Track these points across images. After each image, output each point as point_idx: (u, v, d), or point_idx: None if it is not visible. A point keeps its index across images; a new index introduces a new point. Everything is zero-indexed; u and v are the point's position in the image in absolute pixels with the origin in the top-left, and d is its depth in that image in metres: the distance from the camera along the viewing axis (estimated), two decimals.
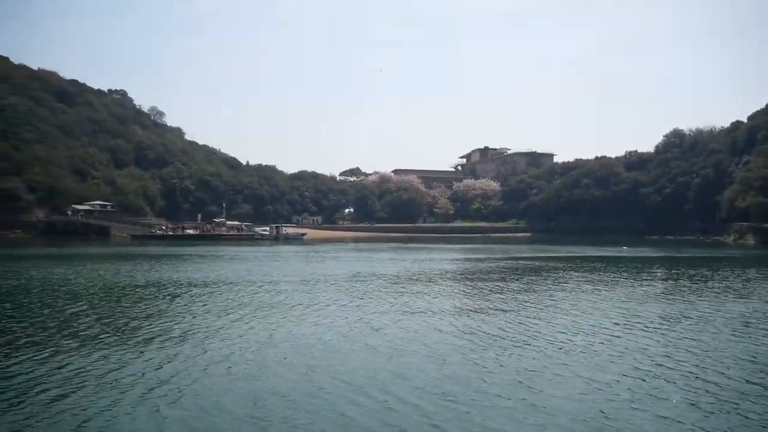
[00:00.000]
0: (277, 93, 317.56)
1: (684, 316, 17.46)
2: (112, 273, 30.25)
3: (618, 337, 14.42)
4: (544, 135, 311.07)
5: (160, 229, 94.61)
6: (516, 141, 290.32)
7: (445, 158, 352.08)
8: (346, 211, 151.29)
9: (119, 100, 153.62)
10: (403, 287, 25.08)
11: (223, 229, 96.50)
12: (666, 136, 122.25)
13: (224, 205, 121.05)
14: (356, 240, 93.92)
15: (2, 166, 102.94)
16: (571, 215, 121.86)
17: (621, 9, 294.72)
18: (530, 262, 39.51)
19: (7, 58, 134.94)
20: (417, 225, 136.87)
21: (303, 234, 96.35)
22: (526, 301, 20.57)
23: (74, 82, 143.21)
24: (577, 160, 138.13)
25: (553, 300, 20.89)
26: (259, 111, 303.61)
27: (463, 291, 24.08)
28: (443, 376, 10.86)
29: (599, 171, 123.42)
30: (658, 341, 13.89)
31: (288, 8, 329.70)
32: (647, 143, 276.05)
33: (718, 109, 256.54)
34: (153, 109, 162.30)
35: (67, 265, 34.50)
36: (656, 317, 17.28)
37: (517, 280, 28.29)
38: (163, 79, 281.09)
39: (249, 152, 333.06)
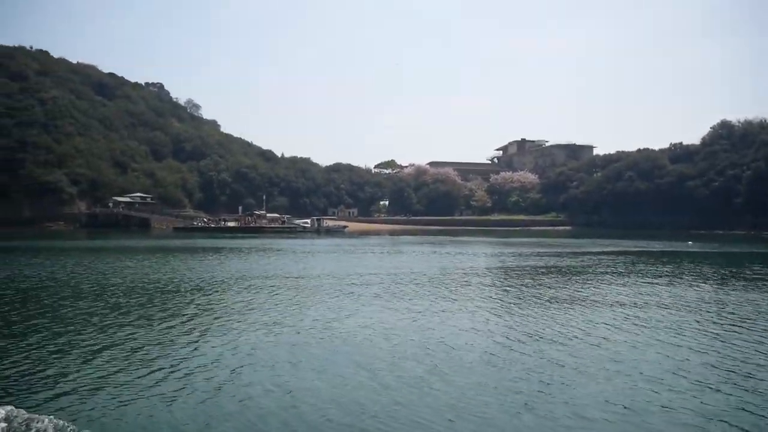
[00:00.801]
0: (304, 85, 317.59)
1: None
2: (187, 267, 29.25)
3: None
4: (575, 127, 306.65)
5: (202, 222, 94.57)
6: (550, 133, 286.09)
7: (479, 151, 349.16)
8: (382, 203, 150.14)
9: (156, 93, 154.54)
10: (515, 283, 23.71)
11: (263, 221, 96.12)
12: (713, 127, 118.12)
13: (264, 197, 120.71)
14: (400, 233, 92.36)
15: (45, 159, 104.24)
16: (614, 208, 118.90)
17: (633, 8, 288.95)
18: (614, 257, 37.14)
19: (47, 52, 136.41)
20: (454, 218, 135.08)
21: (344, 226, 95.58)
22: (684, 305, 18.57)
23: (112, 75, 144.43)
24: (618, 152, 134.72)
25: (701, 302, 19.30)
26: (287, 103, 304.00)
27: (584, 285, 22.36)
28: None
29: (643, 163, 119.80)
30: None
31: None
32: (676, 136, 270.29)
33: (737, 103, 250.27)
34: (189, 101, 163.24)
35: (132, 258, 33.92)
36: None
37: (633, 275, 26.59)
38: (193, 73, 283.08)
39: (279, 145, 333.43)
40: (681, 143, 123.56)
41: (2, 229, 79.57)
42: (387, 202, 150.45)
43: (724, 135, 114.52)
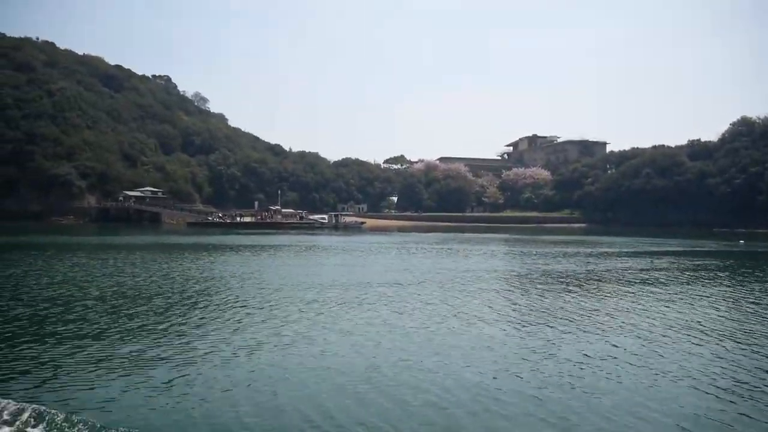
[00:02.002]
0: (313, 79, 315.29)
1: None
2: (253, 268, 26.72)
3: None
4: (576, 123, 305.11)
5: (218, 217, 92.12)
6: (555, 130, 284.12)
7: (489, 147, 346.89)
8: (390, 199, 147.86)
9: (163, 85, 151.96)
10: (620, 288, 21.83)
11: (279, 216, 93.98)
12: (733, 124, 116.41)
13: (279, 192, 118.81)
14: (415, 229, 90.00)
15: (54, 151, 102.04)
16: (630, 206, 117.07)
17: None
18: (691, 259, 34.94)
19: (53, 44, 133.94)
20: (466, 214, 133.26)
21: (362, 222, 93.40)
22: None
23: (119, 67, 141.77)
24: (633, 148, 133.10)
25: None
26: (295, 97, 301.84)
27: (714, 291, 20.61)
28: None
29: (661, 160, 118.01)
30: None
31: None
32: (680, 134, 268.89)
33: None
34: (197, 95, 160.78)
35: (184, 258, 31.71)
36: None
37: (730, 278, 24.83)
38: (197, 67, 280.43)
39: (283, 139, 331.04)
40: (699, 140, 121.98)
41: (11, 223, 77.46)
42: (395, 198, 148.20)
43: (744, 132, 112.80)
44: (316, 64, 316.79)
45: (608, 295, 19.81)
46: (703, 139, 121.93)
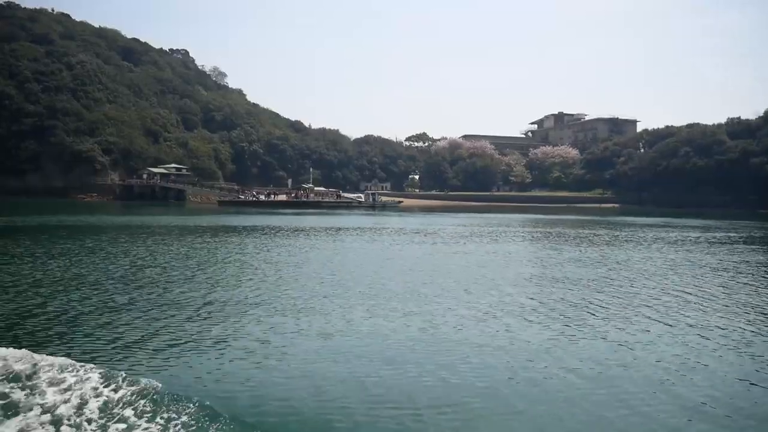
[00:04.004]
0: (329, 56, 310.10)
1: None
2: (373, 256, 23.95)
3: None
4: (606, 101, 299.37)
5: (252, 195, 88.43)
6: (581, 107, 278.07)
7: (512, 125, 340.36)
8: (411, 177, 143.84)
9: (181, 59, 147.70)
10: None
11: (312, 195, 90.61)
12: None
13: (311, 170, 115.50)
14: (444, 209, 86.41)
15: (76, 126, 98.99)
16: (667, 186, 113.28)
17: None
18: None
19: (69, 15, 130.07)
20: (494, 194, 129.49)
21: (399, 201, 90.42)
22: None
23: (137, 40, 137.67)
24: (668, 126, 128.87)
25: None
26: (309, 72, 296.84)
27: None
28: None
29: (700, 139, 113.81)
30: None
31: None
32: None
33: None
34: (215, 69, 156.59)
35: (271, 242, 28.61)
36: None
37: None
38: (211, 39, 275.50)
39: (300, 114, 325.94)
40: (739, 118, 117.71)
41: (37, 200, 74.69)
42: (418, 177, 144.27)
43: None
44: (331, 40, 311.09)
45: None
46: (743, 117, 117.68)
